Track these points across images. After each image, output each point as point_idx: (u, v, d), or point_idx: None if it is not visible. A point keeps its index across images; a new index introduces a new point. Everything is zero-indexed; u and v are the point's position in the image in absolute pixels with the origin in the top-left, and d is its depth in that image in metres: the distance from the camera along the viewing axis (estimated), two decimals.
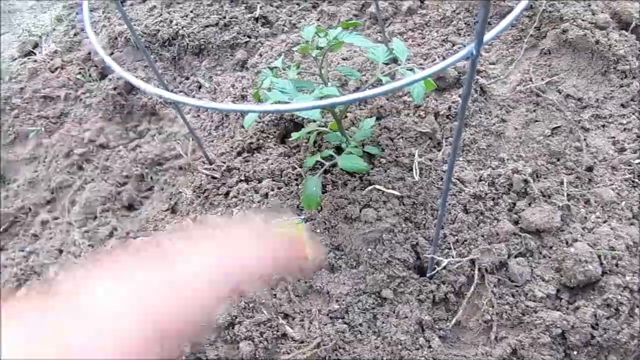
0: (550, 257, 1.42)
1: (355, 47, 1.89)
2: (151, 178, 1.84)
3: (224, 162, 1.71)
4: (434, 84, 1.46)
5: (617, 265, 1.37)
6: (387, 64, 1.71)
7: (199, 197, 1.64)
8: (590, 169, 1.54)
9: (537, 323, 1.34)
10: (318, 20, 2.12)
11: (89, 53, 2.30)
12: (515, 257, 1.43)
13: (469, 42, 1.80)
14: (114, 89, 2.10)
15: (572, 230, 1.45)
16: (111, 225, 1.69)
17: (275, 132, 1.75)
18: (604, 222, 1.45)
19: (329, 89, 1.31)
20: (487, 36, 0.83)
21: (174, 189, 1.74)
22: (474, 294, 1.42)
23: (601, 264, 1.37)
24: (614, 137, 1.58)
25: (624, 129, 1.59)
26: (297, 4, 2.21)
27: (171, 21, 2.23)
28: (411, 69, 1.44)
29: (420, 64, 1.76)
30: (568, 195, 1.49)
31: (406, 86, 0.85)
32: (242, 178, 1.65)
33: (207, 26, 2.20)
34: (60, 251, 1.65)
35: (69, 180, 1.92)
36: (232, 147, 1.76)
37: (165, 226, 1.67)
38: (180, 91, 2.11)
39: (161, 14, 2.27)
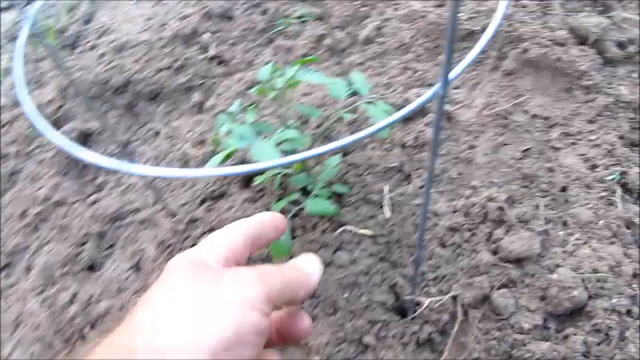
0: (533, 286, 1.37)
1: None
2: (112, 235, 1.75)
3: (187, 213, 1.63)
4: None
5: (602, 288, 1.33)
6: (349, 96, 1.67)
7: (163, 252, 1.56)
8: (564, 189, 1.50)
9: (526, 357, 1.28)
10: (274, 55, 2.06)
11: (39, 105, 2.20)
12: (498, 288, 1.37)
13: (430, 67, 1.77)
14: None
15: (553, 255, 1.40)
16: (72, 289, 1.59)
17: (238, 177, 1.69)
18: (584, 243, 1.41)
19: (289, 132, 1.25)
20: (452, 74, 0.79)
21: (136, 245, 1.65)
22: (459, 332, 1.36)
23: (586, 288, 1.33)
24: (584, 155, 1.55)
25: (594, 145, 1.56)
26: (253, 40, 2.16)
27: (122, 67, 2.16)
28: (371, 102, 1.39)
29: (382, 94, 1.71)
30: (545, 219, 1.45)
31: (375, 134, 0.80)
32: (207, 229, 1.57)
33: (160, 70, 2.13)
34: (18, 325, 1.55)
35: (24, 243, 1.81)
36: (194, 196, 1.69)
37: (130, 286, 1.58)
38: (137, 139, 2.04)
39: (112, 61, 2.20)
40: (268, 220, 0.67)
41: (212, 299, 0.52)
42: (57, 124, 2.15)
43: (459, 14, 1.79)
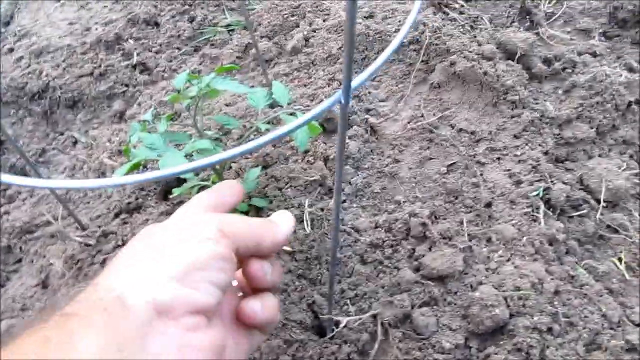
0: (455, 304, 1.34)
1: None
2: (20, 249, 1.64)
3: (100, 226, 1.54)
4: (319, 127, 1.36)
5: (524, 305, 1.30)
6: (272, 107, 1.61)
7: (72, 268, 1.46)
8: (489, 205, 1.48)
9: None
10: (200, 64, 2.00)
11: None
12: (420, 307, 1.33)
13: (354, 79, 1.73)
14: None
15: (476, 272, 1.37)
16: None
17: (155, 189, 1.61)
18: (507, 260, 1.39)
19: (202, 142, 1.18)
20: (355, 82, 0.74)
21: (44, 260, 1.55)
22: (379, 352, 1.31)
23: (508, 306, 1.30)
24: (509, 170, 1.53)
25: (519, 161, 1.55)
26: (178, 49, 2.09)
27: (41, 72, 2.05)
28: (293, 113, 1.33)
29: (307, 105, 1.66)
30: (469, 235, 1.42)
31: (270, 143, 0.74)
32: (120, 243, 1.48)
33: (81, 76, 2.04)
34: None
35: None
36: (108, 209, 1.60)
37: (35, 304, 1.48)
38: (54, 148, 1.93)
39: (29, 65, 2.09)
40: (223, 187, 0.80)
41: (173, 238, 0.62)
42: None
43: (388, 26, 1.76)
